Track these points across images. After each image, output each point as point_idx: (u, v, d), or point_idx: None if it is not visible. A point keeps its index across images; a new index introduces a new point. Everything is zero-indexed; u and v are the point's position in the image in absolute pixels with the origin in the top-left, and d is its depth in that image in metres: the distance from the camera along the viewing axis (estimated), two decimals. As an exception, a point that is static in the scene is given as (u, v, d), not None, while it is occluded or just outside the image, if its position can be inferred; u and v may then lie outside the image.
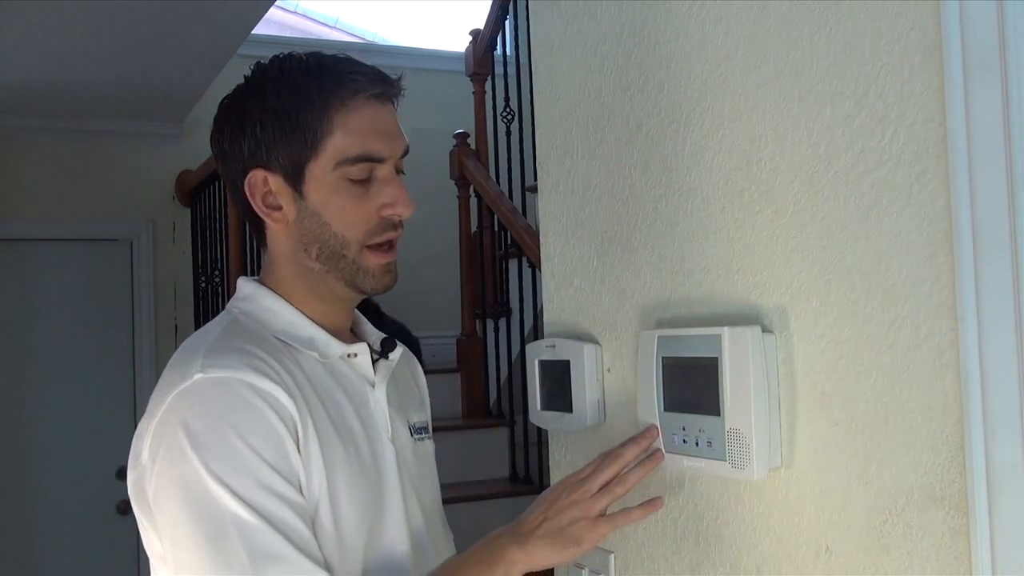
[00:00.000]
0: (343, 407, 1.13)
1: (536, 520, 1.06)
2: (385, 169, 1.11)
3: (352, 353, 1.17)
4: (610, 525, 1.07)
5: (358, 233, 1.11)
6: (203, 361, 1.04)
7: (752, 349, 0.95)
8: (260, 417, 1.01)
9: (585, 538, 1.05)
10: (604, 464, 1.08)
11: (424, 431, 1.28)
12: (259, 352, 1.06)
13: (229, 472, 0.99)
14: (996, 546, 0.74)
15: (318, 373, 1.13)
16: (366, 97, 1.10)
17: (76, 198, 4.32)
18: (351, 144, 1.09)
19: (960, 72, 0.75)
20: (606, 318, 1.22)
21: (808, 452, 0.93)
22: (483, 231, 3.94)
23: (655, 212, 1.13)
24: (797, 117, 0.93)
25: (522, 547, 1.05)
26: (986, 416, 0.74)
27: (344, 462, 1.09)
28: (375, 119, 1.10)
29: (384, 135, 1.11)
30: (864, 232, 0.86)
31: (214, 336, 1.10)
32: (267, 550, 0.97)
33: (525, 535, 1.06)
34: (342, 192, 1.10)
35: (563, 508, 1.06)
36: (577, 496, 1.07)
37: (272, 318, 1.14)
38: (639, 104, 1.15)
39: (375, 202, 1.10)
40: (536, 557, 1.04)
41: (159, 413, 1.04)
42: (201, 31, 3.27)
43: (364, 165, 1.10)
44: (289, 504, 1.01)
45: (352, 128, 1.09)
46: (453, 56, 4.67)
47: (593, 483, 1.07)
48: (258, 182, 1.12)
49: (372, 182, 1.11)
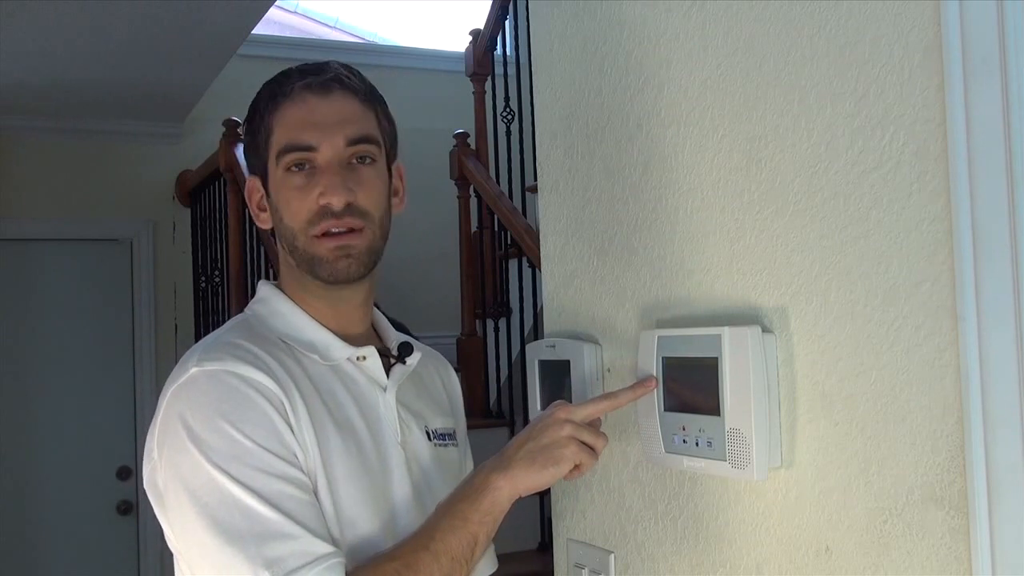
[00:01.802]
0: (346, 406, 1.14)
1: (517, 444, 1.06)
2: (322, 157, 1.14)
3: (361, 356, 1.17)
4: (587, 451, 1.05)
5: (301, 222, 1.14)
6: (199, 357, 1.09)
7: (752, 349, 0.95)
8: (249, 403, 1.05)
9: (564, 458, 1.04)
10: (596, 398, 1.09)
11: (448, 437, 1.27)
12: (252, 347, 1.11)
13: (227, 460, 1.02)
14: (996, 546, 0.74)
15: (321, 374, 1.14)
16: (299, 90, 1.15)
17: (76, 198, 4.32)
18: (282, 136, 1.15)
19: (960, 72, 0.75)
20: (606, 318, 1.22)
21: (808, 452, 0.93)
22: (483, 231, 3.94)
23: (655, 212, 1.13)
24: (797, 117, 0.93)
25: (504, 472, 1.04)
26: (986, 416, 0.74)
27: (344, 454, 1.10)
28: (308, 110, 1.15)
29: (314, 124, 1.14)
30: (864, 232, 0.86)
31: (217, 335, 1.16)
32: (272, 529, 1.00)
33: (506, 460, 1.05)
34: (286, 184, 1.15)
35: (544, 429, 1.05)
36: (559, 415, 1.06)
37: (279, 321, 1.18)
38: (639, 104, 1.15)
39: (315, 191, 1.13)
40: (518, 479, 1.04)
41: (162, 408, 1.09)
42: (201, 31, 3.27)
43: (295, 155, 1.14)
44: (290, 481, 1.03)
45: (284, 121, 1.15)
46: (453, 56, 4.67)
47: (580, 410, 1.06)
48: (251, 188, 1.21)
49: (314, 172, 1.14)
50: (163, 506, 1.09)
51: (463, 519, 1.04)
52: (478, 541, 1.04)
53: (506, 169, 3.89)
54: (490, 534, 1.06)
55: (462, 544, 1.03)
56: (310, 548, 1.00)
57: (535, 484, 1.05)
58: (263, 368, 1.08)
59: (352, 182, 1.14)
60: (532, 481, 1.05)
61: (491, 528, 1.05)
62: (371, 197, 1.16)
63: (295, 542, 1.00)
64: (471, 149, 3.98)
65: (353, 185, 1.14)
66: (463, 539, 1.03)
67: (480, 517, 1.04)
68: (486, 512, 1.04)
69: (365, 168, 1.16)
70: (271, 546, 0.99)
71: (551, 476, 1.05)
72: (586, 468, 1.06)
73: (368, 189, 1.15)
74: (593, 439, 1.06)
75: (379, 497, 1.12)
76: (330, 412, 1.11)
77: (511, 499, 1.05)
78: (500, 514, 1.06)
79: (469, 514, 1.04)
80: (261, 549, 0.99)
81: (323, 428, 1.09)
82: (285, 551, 0.99)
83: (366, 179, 1.16)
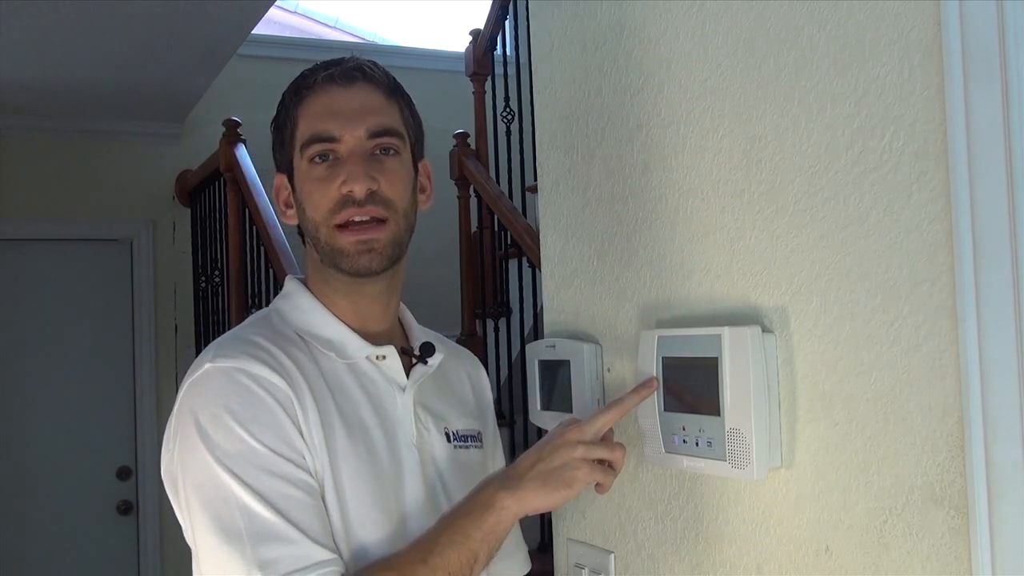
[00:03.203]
0: (359, 406, 1.13)
1: (528, 464, 1.05)
2: (344, 148, 1.13)
3: (380, 355, 1.17)
4: (603, 472, 1.04)
5: (323, 213, 1.13)
6: (215, 353, 1.09)
7: (752, 349, 0.95)
8: (258, 402, 1.05)
9: (577, 480, 1.02)
10: (603, 410, 1.07)
11: (470, 439, 1.25)
12: (268, 345, 1.11)
13: (233, 459, 1.02)
14: (996, 546, 0.74)
15: (337, 372, 1.14)
16: (321, 82, 1.15)
17: (76, 198, 4.32)
18: (306, 128, 1.15)
19: (960, 72, 0.75)
20: (606, 318, 1.22)
21: (808, 452, 0.93)
22: (483, 231, 3.94)
23: (655, 212, 1.13)
24: (797, 117, 0.93)
25: (512, 491, 1.03)
26: (986, 416, 0.74)
27: (351, 455, 1.09)
28: (329, 101, 1.14)
29: (336, 115, 1.14)
30: (864, 232, 0.86)
31: (236, 331, 1.17)
32: (269, 531, 1.00)
33: (516, 479, 1.04)
34: (310, 177, 1.15)
35: (555, 449, 1.04)
36: (570, 436, 1.04)
37: (299, 316, 1.18)
38: (639, 104, 1.15)
39: (337, 181, 1.12)
40: (527, 501, 1.02)
41: (177, 402, 1.10)
42: (201, 31, 3.27)
43: (318, 146, 1.13)
44: (294, 483, 1.03)
45: (307, 113, 1.15)
46: (453, 56, 4.67)
47: (590, 427, 1.05)
48: (278, 186, 1.22)
49: (337, 163, 1.13)
50: (177, 498, 1.10)
51: (465, 535, 1.02)
52: (478, 559, 1.02)
53: (506, 169, 3.88)
54: (491, 552, 1.04)
55: (461, 560, 1.01)
56: (306, 552, 0.99)
57: (544, 506, 1.03)
58: (275, 367, 1.08)
59: (375, 171, 1.12)
60: (542, 503, 1.03)
61: (493, 546, 1.04)
62: (395, 187, 1.14)
63: (292, 546, 0.99)
64: (471, 149, 3.97)
65: (376, 174, 1.12)
66: (463, 555, 1.01)
67: (483, 535, 1.02)
68: (489, 531, 1.02)
69: (389, 159, 1.15)
70: (267, 547, 0.99)
71: (561, 498, 1.03)
72: (608, 485, 1.05)
73: (392, 179, 1.14)
74: (609, 454, 1.04)
75: (389, 498, 1.11)
76: (341, 412, 1.11)
77: (517, 518, 1.04)
78: (504, 533, 1.04)
79: (471, 531, 1.02)
80: (257, 550, 0.98)
81: (332, 429, 1.09)
82: (280, 554, 0.98)
83: (389, 169, 1.14)
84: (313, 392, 1.09)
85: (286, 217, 1.21)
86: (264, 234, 3.55)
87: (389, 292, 1.21)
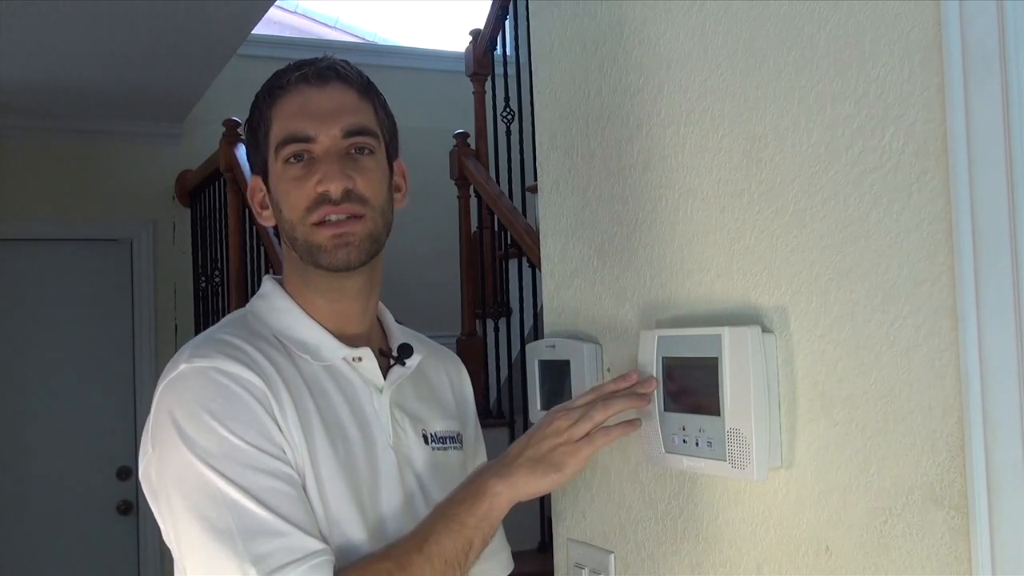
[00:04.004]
0: (337, 407, 1.13)
1: (518, 450, 1.06)
2: (319, 148, 1.13)
3: (356, 357, 1.17)
4: (590, 447, 1.05)
5: (299, 212, 1.14)
6: (190, 353, 1.09)
7: (752, 349, 0.95)
8: (236, 399, 1.05)
9: (566, 463, 1.04)
10: (587, 393, 1.09)
11: (449, 440, 1.25)
12: (243, 344, 1.11)
13: (215, 457, 1.02)
14: (996, 546, 0.74)
15: (314, 373, 1.14)
16: (294, 82, 1.15)
17: (76, 198, 4.32)
18: (280, 128, 1.15)
19: (960, 72, 0.75)
20: (606, 318, 1.22)
21: (808, 452, 0.93)
22: (483, 231, 3.94)
23: (655, 212, 1.13)
24: (797, 117, 0.93)
25: (504, 478, 1.04)
26: (986, 416, 0.74)
27: (330, 456, 1.10)
28: (303, 101, 1.15)
29: (311, 115, 1.14)
30: (864, 232, 0.86)
31: (211, 331, 1.16)
32: (259, 526, 1.00)
33: (506, 466, 1.05)
34: (285, 177, 1.15)
35: (544, 435, 1.05)
36: (559, 423, 1.06)
37: (275, 318, 1.18)
38: (639, 104, 1.15)
39: (313, 180, 1.13)
40: (518, 486, 1.04)
41: (154, 403, 1.09)
42: (201, 31, 3.27)
43: (293, 146, 1.14)
44: (278, 477, 1.04)
45: (281, 113, 1.15)
46: (453, 56, 4.66)
47: (576, 409, 1.06)
48: (252, 187, 1.21)
49: (312, 162, 1.14)
50: (156, 500, 1.09)
51: (459, 523, 1.03)
52: (473, 546, 1.03)
53: (506, 169, 3.88)
54: (486, 539, 1.05)
55: (456, 548, 1.02)
56: (298, 544, 1.00)
57: (536, 490, 1.05)
58: (251, 366, 1.08)
59: (350, 169, 1.13)
60: (533, 488, 1.04)
61: (487, 533, 1.05)
62: (371, 185, 1.14)
63: (283, 538, 0.99)
64: (471, 149, 3.97)
65: (352, 172, 1.13)
66: (458, 543, 1.02)
67: (476, 522, 1.03)
68: (483, 517, 1.03)
69: (364, 158, 1.15)
70: (258, 542, 0.99)
71: (552, 482, 1.04)
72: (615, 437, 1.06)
73: (368, 177, 1.14)
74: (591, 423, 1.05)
75: (365, 499, 1.11)
76: (320, 412, 1.11)
77: (510, 505, 1.05)
78: (497, 519, 1.05)
79: (465, 518, 1.03)
80: (248, 545, 0.98)
81: (310, 427, 1.09)
82: (272, 547, 0.99)
83: (365, 167, 1.15)
84: (291, 391, 1.09)
85: (262, 218, 1.21)
86: (264, 234, 3.55)
87: (368, 289, 1.21)
